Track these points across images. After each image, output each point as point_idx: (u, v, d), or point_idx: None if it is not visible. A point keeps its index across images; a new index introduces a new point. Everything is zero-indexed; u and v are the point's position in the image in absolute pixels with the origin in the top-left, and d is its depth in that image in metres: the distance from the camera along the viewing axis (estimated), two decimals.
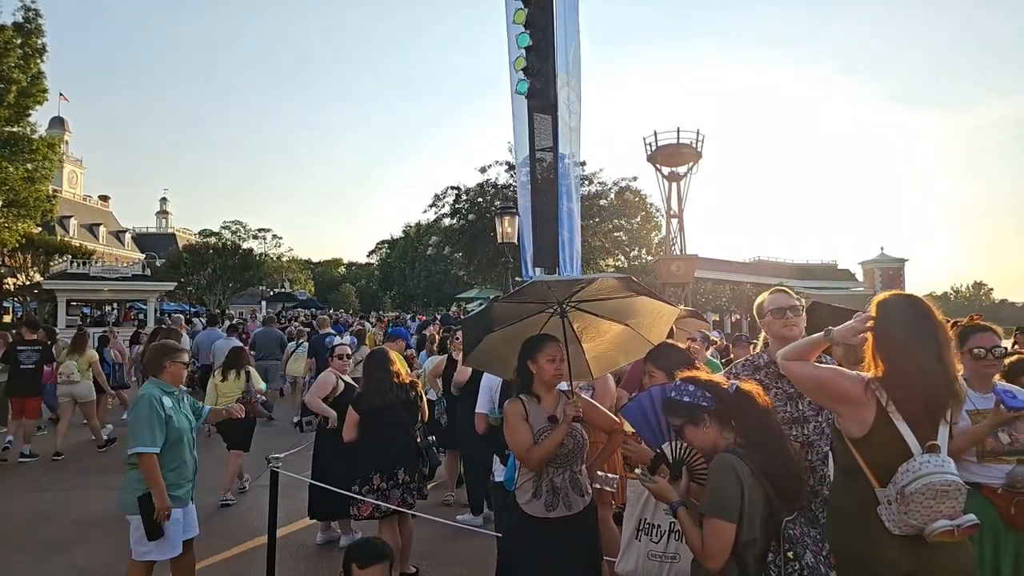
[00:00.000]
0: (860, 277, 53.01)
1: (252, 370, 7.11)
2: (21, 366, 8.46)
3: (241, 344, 8.44)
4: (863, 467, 2.18)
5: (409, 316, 28.11)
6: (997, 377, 2.99)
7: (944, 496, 1.99)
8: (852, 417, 2.18)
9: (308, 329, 15.46)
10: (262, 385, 7.17)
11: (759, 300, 3.05)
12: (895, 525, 2.05)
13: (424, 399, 4.74)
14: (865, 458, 2.18)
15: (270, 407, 6.71)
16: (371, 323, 21.44)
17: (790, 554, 2.01)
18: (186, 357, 4.18)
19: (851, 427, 2.19)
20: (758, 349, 3.15)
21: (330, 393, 5.34)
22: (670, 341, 3.43)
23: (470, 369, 5.49)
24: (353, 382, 5.55)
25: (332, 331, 12.02)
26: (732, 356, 7.36)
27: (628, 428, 2.93)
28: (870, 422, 2.14)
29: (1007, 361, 3.21)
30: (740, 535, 2.04)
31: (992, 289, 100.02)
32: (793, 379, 2.36)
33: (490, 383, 4.79)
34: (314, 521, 5.52)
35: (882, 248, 53.86)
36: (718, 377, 2.44)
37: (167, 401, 3.81)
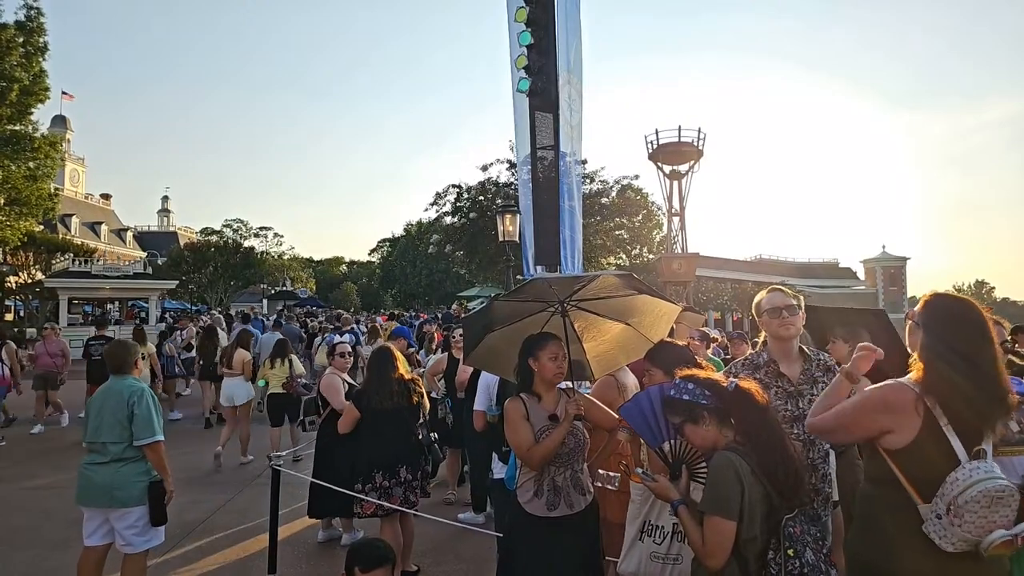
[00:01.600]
0: (861, 275, 52.92)
1: (294, 357, 8.26)
2: (92, 358, 10.06)
3: (285, 337, 9.58)
4: (902, 481, 2.05)
5: (411, 314, 28.12)
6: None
7: (999, 503, 1.89)
8: (890, 436, 2.08)
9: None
10: (302, 370, 8.44)
11: (756, 299, 3.04)
12: (948, 542, 1.93)
13: (426, 397, 4.75)
14: (905, 471, 2.05)
15: (310, 387, 7.71)
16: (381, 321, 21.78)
17: (790, 552, 2.01)
18: None
19: (889, 439, 2.08)
20: (758, 347, 3.15)
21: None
22: (669, 339, 3.42)
23: (471, 369, 5.49)
24: (352, 381, 5.58)
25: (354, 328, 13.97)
26: (731, 354, 7.37)
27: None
28: (914, 435, 2.03)
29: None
30: (740, 533, 2.04)
31: (994, 288, 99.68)
32: (824, 437, 2.27)
33: (487, 381, 4.80)
34: (316, 519, 5.53)
35: (884, 246, 53.75)
36: (717, 375, 2.44)
37: None
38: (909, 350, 2.20)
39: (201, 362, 11.04)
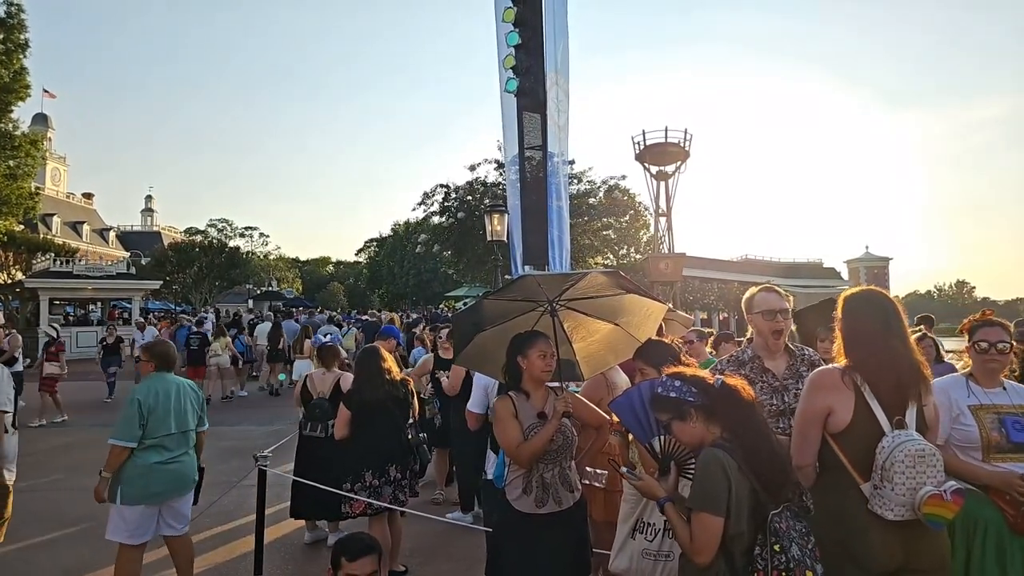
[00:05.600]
0: (845, 276, 53.48)
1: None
2: (191, 348, 13.12)
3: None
4: (844, 462, 2.28)
5: (403, 313, 28.13)
6: (1005, 373, 2.93)
7: (922, 461, 2.11)
8: (832, 417, 2.33)
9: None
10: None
11: (749, 294, 3.06)
12: (888, 509, 2.15)
13: (416, 396, 4.73)
14: (845, 452, 2.28)
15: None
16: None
17: (776, 547, 2.02)
18: None
19: (832, 421, 2.33)
20: (743, 344, 3.17)
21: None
22: (656, 337, 3.44)
23: (461, 376, 5.46)
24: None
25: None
26: (715, 352, 7.38)
27: (614, 418, 2.95)
28: (851, 414, 2.28)
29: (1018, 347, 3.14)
30: (727, 529, 2.06)
31: (974, 288, 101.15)
32: (799, 459, 2.41)
33: (486, 381, 4.76)
34: (302, 520, 5.49)
35: (867, 247, 54.55)
36: (704, 372, 2.46)
37: None
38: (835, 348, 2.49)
39: (268, 347, 14.91)
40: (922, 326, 6.61)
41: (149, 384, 4.07)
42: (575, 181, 26.77)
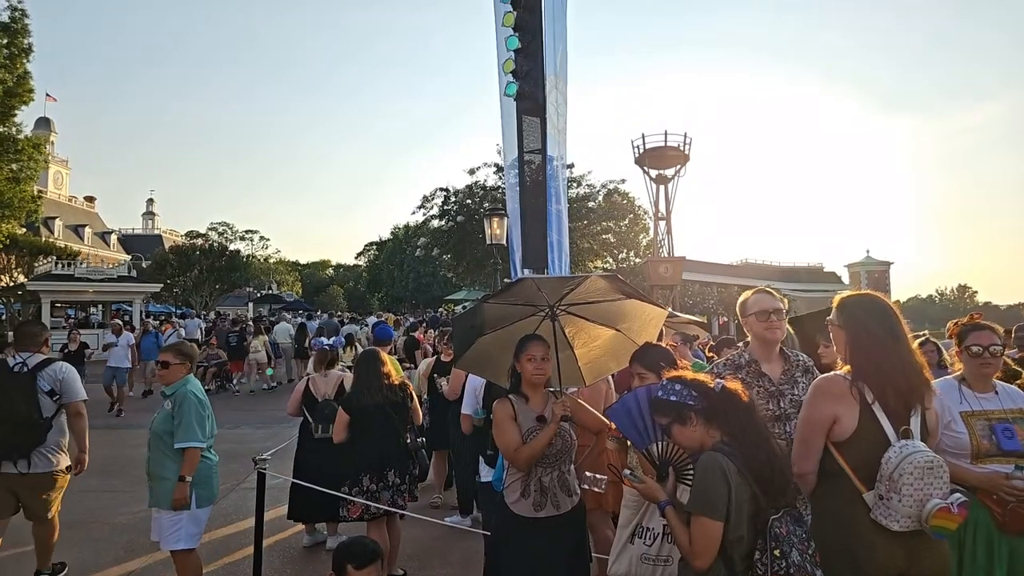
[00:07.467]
0: (846, 280, 53.39)
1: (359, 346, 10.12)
2: (231, 344, 15.50)
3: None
4: (847, 470, 2.25)
5: (403, 316, 28.16)
6: (997, 376, 2.93)
7: (930, 473, 2.09)
8: (837, 427, 2.30)
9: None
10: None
11: (743, 298, 3.07)
12: (893, 520, 2.13)
13: (415, 400, 4.72)
14: (848, 460, 2.26)
15: None
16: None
17: (776, 552, 2.02)
18: None
19: (836, 431, 2.29)
20: (739, 348, 3.18)
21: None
22: (651, 342, 3.44)
23: (462, 380, 5.46)
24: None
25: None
26: (713, 356, 7.39)
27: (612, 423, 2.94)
28: (855, 423, 2.24)
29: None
30: (727, 533, 2.05)
31: (976, 292, 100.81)
32: (801, 467, 2.40)
33: (474, 384, 4.77)
34: (301, 524, 5.49)
35: (868, 251, 54.27)
36: (704, 376, 2.46)
37: None
38: (836, 353, 2.46)
39: (295, 345, 16.25)
40: (926, 332, 6.58)
41: (195, 384, 4.10)
42: (574, 185, 26.84)
